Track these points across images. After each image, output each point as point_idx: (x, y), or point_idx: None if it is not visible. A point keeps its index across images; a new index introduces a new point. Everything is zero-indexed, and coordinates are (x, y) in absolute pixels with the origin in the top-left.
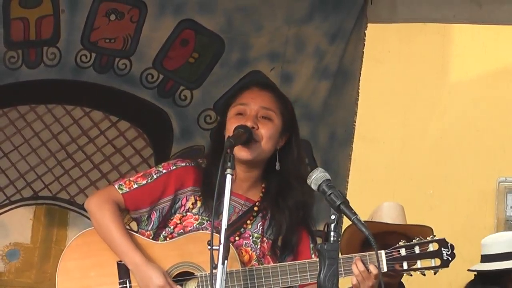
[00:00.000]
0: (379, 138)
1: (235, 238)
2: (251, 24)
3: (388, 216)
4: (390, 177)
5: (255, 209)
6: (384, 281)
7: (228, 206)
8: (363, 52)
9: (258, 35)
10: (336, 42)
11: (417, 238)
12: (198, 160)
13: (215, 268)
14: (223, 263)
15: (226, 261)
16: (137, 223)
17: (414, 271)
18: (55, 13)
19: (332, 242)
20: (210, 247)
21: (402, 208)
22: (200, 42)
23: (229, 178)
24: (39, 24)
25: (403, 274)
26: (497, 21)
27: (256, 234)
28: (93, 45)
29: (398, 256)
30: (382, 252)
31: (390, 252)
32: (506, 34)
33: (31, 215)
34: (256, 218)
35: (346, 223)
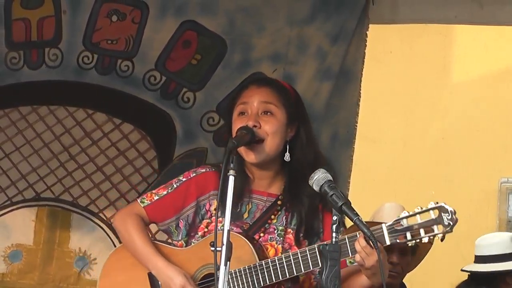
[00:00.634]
0: (381, 139)
1: (259, 234)
2: (253, 25)
3: (390, 216)
4: (391, 177)
5: (278, 203)
6: (386, 282)
7: (230, 206)
8: (364, 52)
9: (260, 36)
10: (338, 42)
11: (418, 207)
12: (220, 164)
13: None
14: (225, 264)
15: (228, 262)
16: (168, 235)
17: (419, 240)
18: (56, 14)
19: (333, 243)
20: (213, 249)
21: (404, 209)
22: (202, 43)
23: (231, 179)
24: (41, 25)
25: (405, 275)
26: (499, 21)
27: (280, 227)
28: (95, 46)
29: (400, 227)
30: (383, 225)
31: (391, 225)
32: (508, 34)
33: (33, 217)
34: (280, 212)
35: (348, 223)
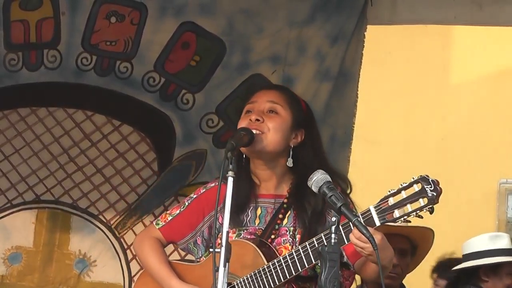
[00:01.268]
0: (381, 140)
1: (271, 238)
2: (252, 26)
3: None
4: (391, 179)
5: (284, 201)
6: (385, 283)
7: (229, 208)
8: (362, 53)
9: (259, 37)
10: (337, 44)
11: (402, 183)
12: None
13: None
14: (224, 266)
15: (227, 263)
16: (190, 254)
17: (407, 216)
18: (55, 16)
19: (332, 244)
20: (212, 250)
21: None
22: (201, 45)
23: (230, 180)
24: (40, 27)
25: (405, 275)
26: (498, 22)
27: (291, 228)
28: (94, 47)
29: (387, 206)
30: (371, 207)
31: (378, 204)
32: (507, 35)
33: (33, 219)
34: (290, 211)
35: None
